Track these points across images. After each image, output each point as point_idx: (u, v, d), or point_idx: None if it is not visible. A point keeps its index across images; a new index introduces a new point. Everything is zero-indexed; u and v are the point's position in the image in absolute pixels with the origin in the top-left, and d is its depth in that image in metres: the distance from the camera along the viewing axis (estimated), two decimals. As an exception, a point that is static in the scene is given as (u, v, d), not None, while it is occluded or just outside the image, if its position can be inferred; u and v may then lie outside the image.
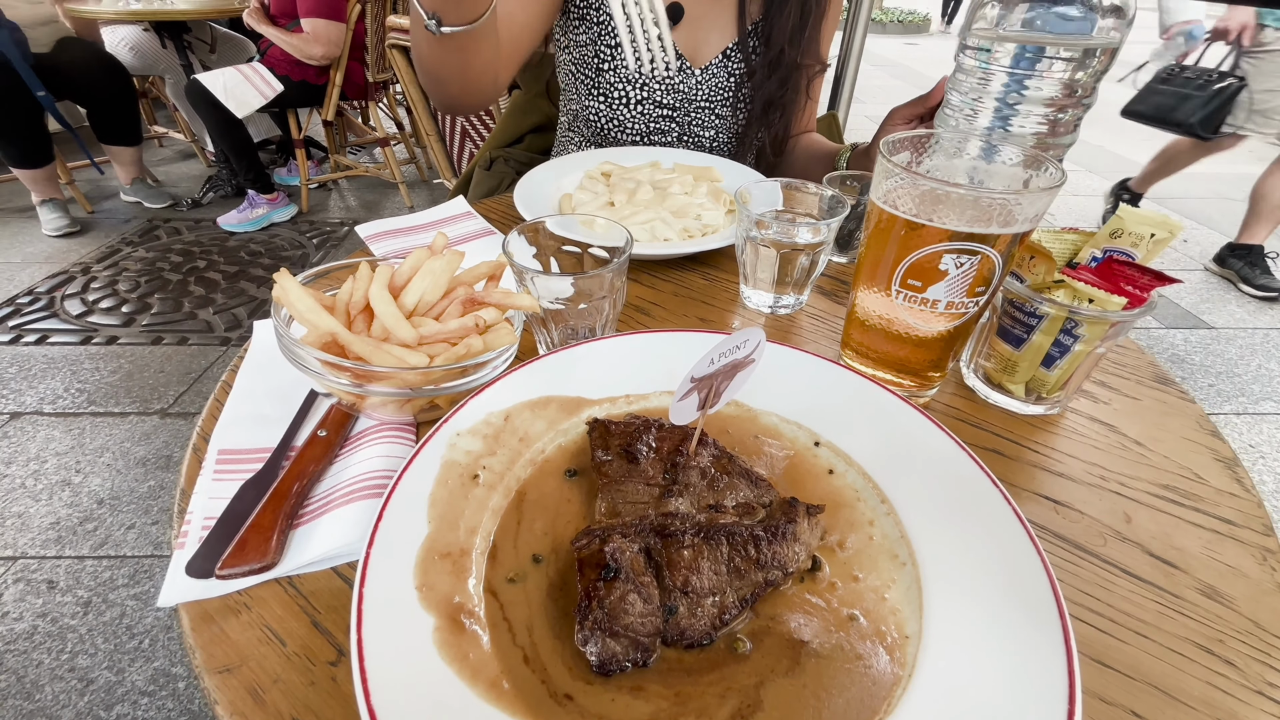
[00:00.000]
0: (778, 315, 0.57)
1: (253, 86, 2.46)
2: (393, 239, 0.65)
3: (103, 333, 2.03)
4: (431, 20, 0.57)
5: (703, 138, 0.90)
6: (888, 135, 0.69)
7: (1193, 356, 2.08)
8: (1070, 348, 0.40)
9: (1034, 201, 0.34)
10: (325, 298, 0.41)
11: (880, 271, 0.41)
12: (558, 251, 0.51)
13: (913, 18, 9.77)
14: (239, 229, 2.70)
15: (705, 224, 0.65)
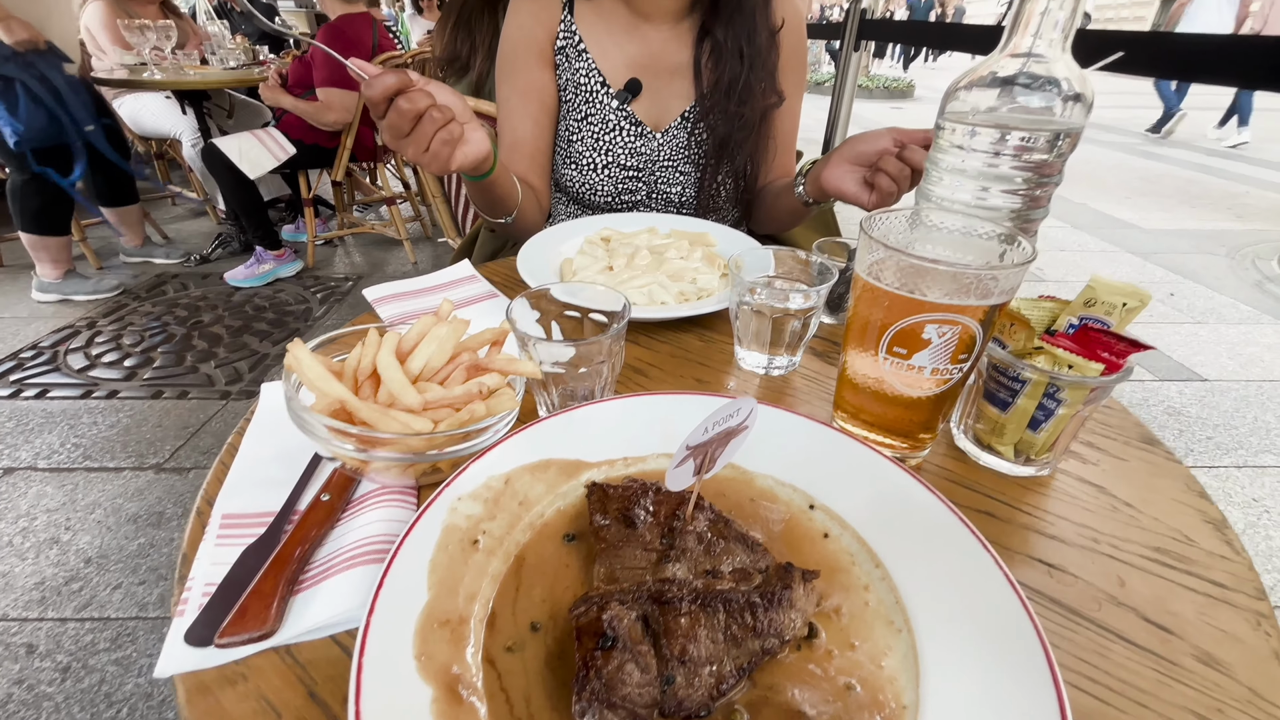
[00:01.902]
0: (772, 376, 0.58)
1: (266, 149, 2.57)
2: (399, 302, 0.67)
3: (104, 386, 2.04)
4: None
5: (670, 194, 0.95)
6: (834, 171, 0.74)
7: (1189, 409, 2.09)
8: (1054, 411, 0.42)
9: (1008, 276, 0.36)
10: (334, 364, 0.42)
11: (867, 337, 0.42)
12: (560, 316, 0.53)
13: (897, 84, 10.28)
14: (245, 284, 2.75)
15: (700, 287, 0.68)
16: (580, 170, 0.95)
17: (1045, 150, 0.46)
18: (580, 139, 0.93)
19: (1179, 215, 4.21)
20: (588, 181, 0.95)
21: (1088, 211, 4.22)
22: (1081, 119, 0.45)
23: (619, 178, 0.94)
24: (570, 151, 0.95)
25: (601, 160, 0.94)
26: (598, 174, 0.94)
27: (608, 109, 0.92)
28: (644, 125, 0.92)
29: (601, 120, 0.92)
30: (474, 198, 0.83)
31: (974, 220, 0.43)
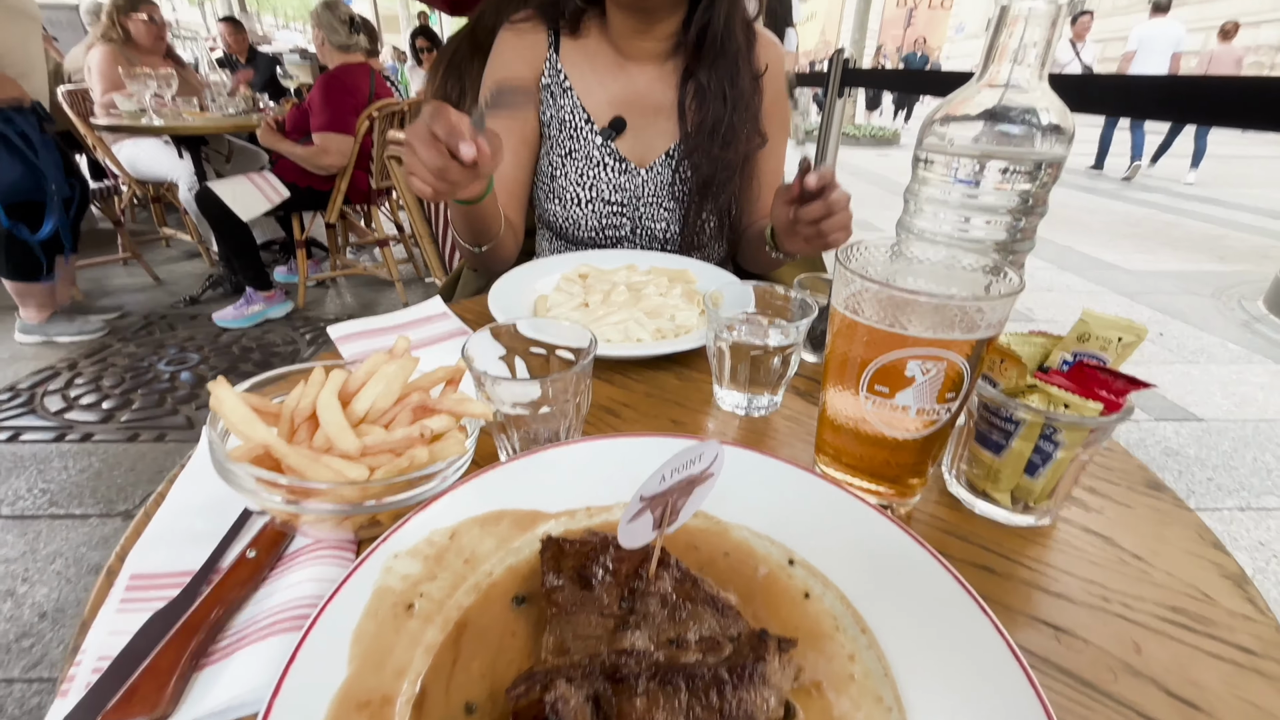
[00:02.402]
0: (752, 417, 0.55)
1: (260, 192, 2.59)
2: (364, 340, 0.64)
3: (78, 429, 1.98)
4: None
5: (655, 229, 0.94)
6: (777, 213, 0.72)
7: (1186, 449, 2.06)
8: (1052, 455, 0.39)
9: (995, 308, 0.34)
10: (271, 405, 0.39)
11: (847, 375, 0.40)
12: (525, 353, 0.50)
13: (882, 132, 10.62)
14: (233, 325, 2.73)
15: (679, 324, 0.65)
16: (564, 205, 0.94)
17: (1027, 180, 0.44)
18: (564, 174, 0.93)
19: (1162, 257, 4.27)
20: (571, 216, 0.94)
21: (1073, 254, 4.29)
22: (1063, 149, 0.44)
23: (603, 212, 0.93)
24: (554, 187, 0.94)
25: (585, 195, 0.93)
26: (581, 209, 0.93)
27: (592, 145, 0.91)
28: (628, 161, 0.92)
29: (586, 156, 0.92)
30: (457, 222, 0.81)
31: (958, 252, 0.41)
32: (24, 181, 2.13)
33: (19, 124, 2.07)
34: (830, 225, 0.68)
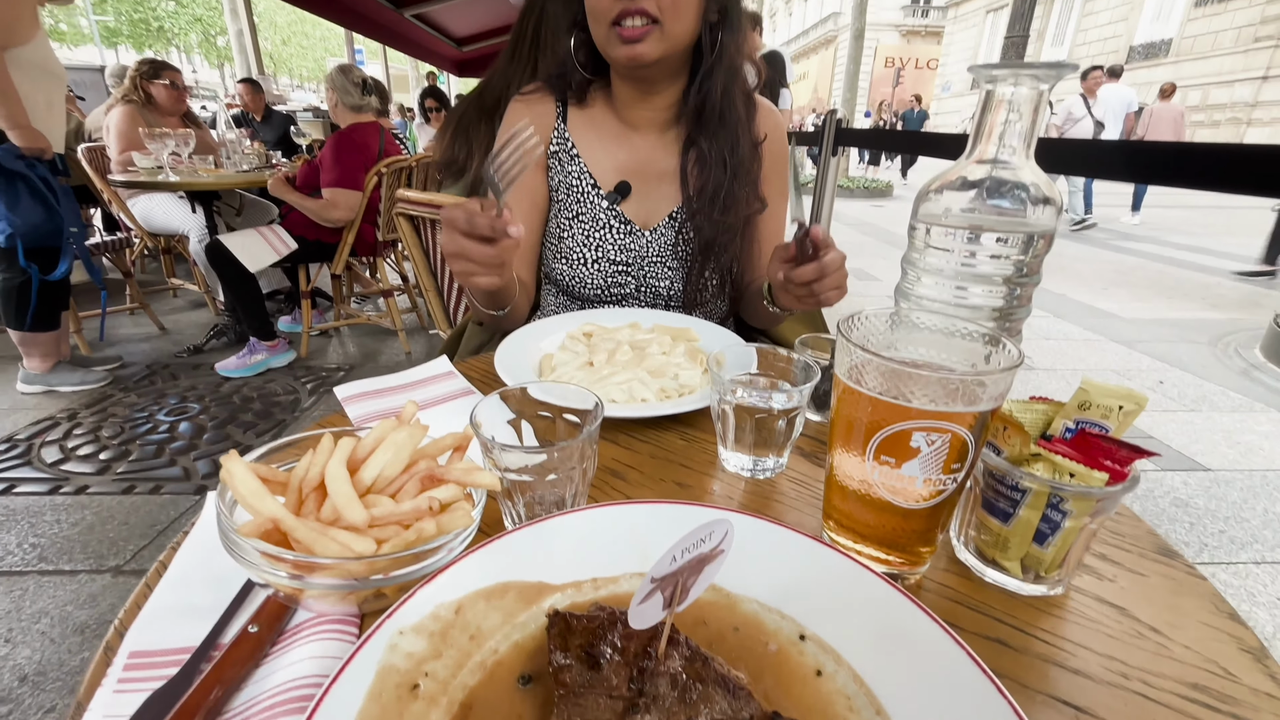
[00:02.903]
0: (758, 479, 0.55)
1: (269, 245, 2.65)
2: (369, 400, 0.65)
3: (74, 481, 1.96)
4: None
5: (659, 288, 0.96)
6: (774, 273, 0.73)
7: (1195, 500, 2.03)
8: (1060, 524, 0.38)
9: (996, 381, 0.34)
10: (279, 474, 0.39)
11: (853, 442, 0.40)
12: (533, 416, 0.51)
13: (876, 184, 10.93)
14: (235, 374, 2.74)
15: (682, 384, 0.66)
16: (571, 264, 0.96)
17: (1020, 250, 0.45)
18: (571, 235, 0.95)
19: (1157, 306, 4.33)
20: (578, 275, 0.96)
21: (1068, 302, 4.34)
22: (1052, 221, 0.46)
23: (608, 271, 0.96)
24: (561, 247, 0.97)
25: (591, 255, 0.95)
26: (587, 268, 0.96)
27: (598, 209, 0.94)
28: (633, 224, 0.95)
29: (592, 219, 0.94)
30: (477, 292, 0.83)
31: (956, 320, 0.42)
32: (45, 225, 2.23)
33: (41, 171, 2.18)
34: (823, 286, 0.69)
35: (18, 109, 2.10)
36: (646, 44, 0.79)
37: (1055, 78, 0.42)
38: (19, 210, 2.15)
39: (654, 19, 0.77)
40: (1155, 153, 0.90)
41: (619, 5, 0.77)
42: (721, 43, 0.84)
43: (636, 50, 0.79)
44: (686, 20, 0.80)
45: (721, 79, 0.86)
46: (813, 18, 32.12)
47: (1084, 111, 6.83)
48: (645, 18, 0.77)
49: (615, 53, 0.82)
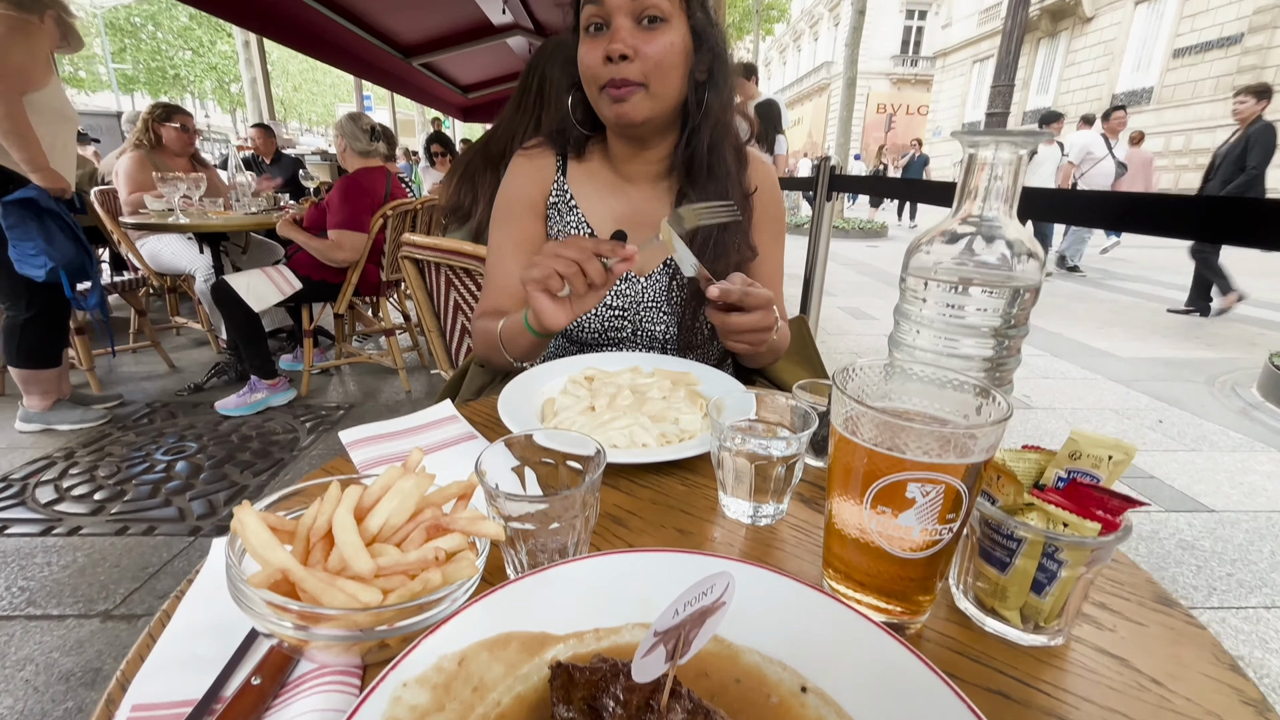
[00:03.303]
0: (758, 526, 0.55)
1: (274, 285, 2.69)
2: (374, 445, 0.66)
3: (67, 523, 1.94)
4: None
5: (654, 331, 0.99)
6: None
7: (1201, 542, 2.01)
8: (1056, 574, 0.39)
9: (987, 434, 0.36)
10: (287, 523, 0.40)
11: (850, 491, 0.41)
12: (537, 463, 0.52)
13: (871, 225, 11.15)
14: (235, 413, 2.74)
15: (683, 428, 0.67)
16: None
17: (1007, 303, 0.47)
18: None
19: (1152, 344, 4.36)
20: (575, 320, 0.98)
21: (1064, 341, 4.38)
22: (1036, 275, 0.48)
23: (605, 316, 0.98)
24: None
25: None
26: (585, 313, 0.98)
27: None
28: (629, 271, 0.97)
29: None
30: (517, 346, 0.86)
31: (948, 371, 0.44)
32: (76, 259, 2.35)
33: (63, 210, 2.31)
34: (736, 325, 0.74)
35: (38, 152, 2.19)
36: (635, 106, 0.83)
37: (1033, 144, 0.44)
38: (56, 245, 2.26)
39: (641, 83, 0.82)
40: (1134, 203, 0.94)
41: (608, 71, 0.81)
42: (707, 102, 0.88)
43: (625, 111, 0.84)
44: (672, 83, 0.84)
45: (708, 135, 0.90)
46: (806, 66, 33.37)
47: (1105, 151, 6.64)
48: (631, 82, 0.81)
49: (607, 113, 0.86)
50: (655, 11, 0.80)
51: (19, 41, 2.11)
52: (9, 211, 2.16)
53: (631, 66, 0.80)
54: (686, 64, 0.85)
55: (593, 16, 0.82)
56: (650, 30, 0.80)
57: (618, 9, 0.80)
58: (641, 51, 0.80)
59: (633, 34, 0.80)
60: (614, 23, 0.80)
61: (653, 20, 0.80)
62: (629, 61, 0.80)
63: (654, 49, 0.80)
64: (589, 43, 0.83)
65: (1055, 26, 16.94)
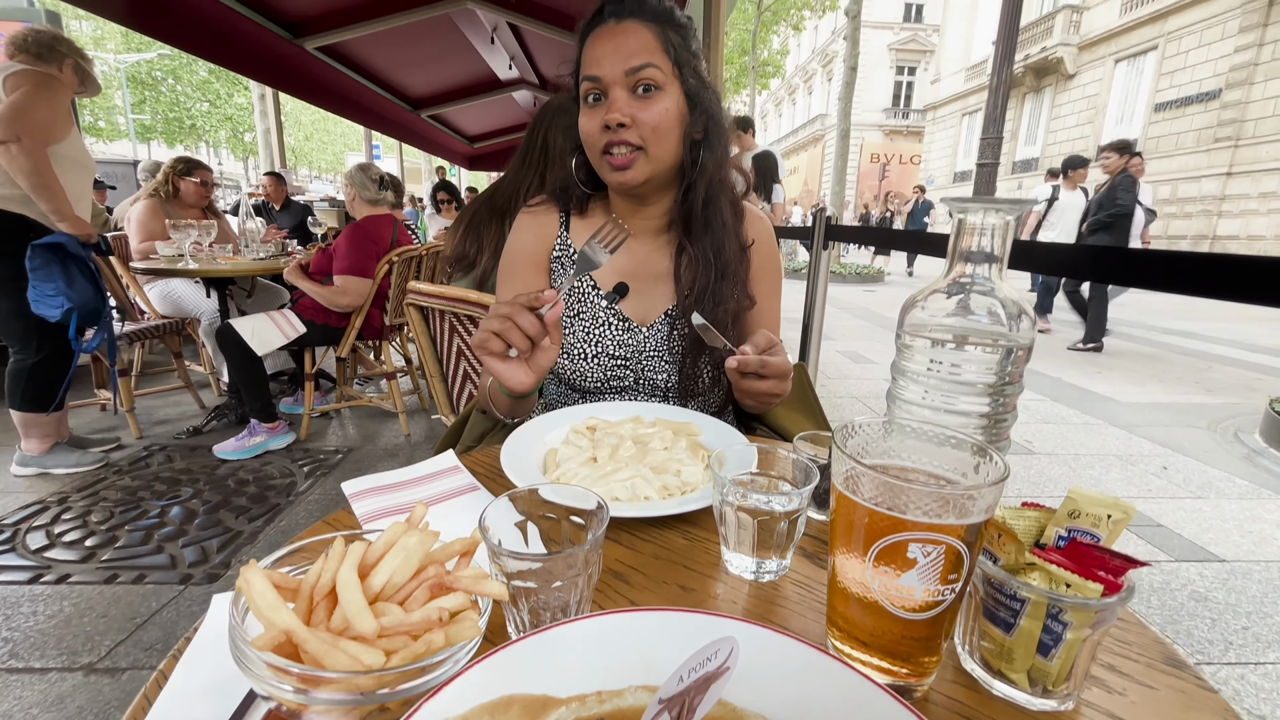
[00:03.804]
0: (761, 582, 0.55)
1: (277, 328, 2.72)
2: (377, 496, 0.66)
3: (56, 570, 1.90)
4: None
5: (656, 380, 1.00)
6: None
7: (1214, 594, 1.97)
8: (1062, 635, 0.39)
9: (985, 494, 0.36)
10: (291, 581, 0.40)
11: (852, 549, 0.41)
12: (540, 518, 0.52)
13: (868, 270, 11.32)
14: (233, 456, 2.72)
15: (684, 481, 0.67)
16: (572, 360, 1.00)
17: (1000, 361, 0.48)
18: (573, 333, 1.00)
19: (1152, 389, 4.37)
20: (579, 369, 1.00)
21: (1063, 385, 4.39)
22: (1029, 334, 0.49)
23: (607, 366, 0.99)
24: (564, 343, 1.00)
25: (592, 351, 0.99)
26: (588, 363, 0.99)
27: (598, 308, 0.99)
28: (631, 321, 0.99)
29: (592, 317, 0.99)
30: (498, 402, 0.88)
31: (946, 430, 0.44)
32: (93, 302, 2.43)
33: (87, 255, 2.40)
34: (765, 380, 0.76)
35: (64, 203, 2.29)
36: (633, 170, 0.87)
37: (1018, 210, 0.46)
38: (76, 288, 2.34)
39: (639, 147, 0.86)
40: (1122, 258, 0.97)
41: (606, 136, 0.86)
42: (703, 160, 0.92)
43: (625, 176, 0.88)
44: (669, 145, 0.89)
45: (704, 190, 0.94)
46: (801, 118, 34.61)
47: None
48: (630, 146, 0.86)
49: (607, 176, 0.91)
50: (650, 81, 0.84)
51: (43, 98, 2.21)
52: (36, 254, 2.25)
53: (629, 132, 0.85)
54: (682, 127, 0.89)
55: (591, 89, 0.86)
56: (645, 98, 0.85)
57: (614, 82, 0.84)
58: (638, 119, 0.85)
59: (629, 103, 0.85)
60: (611, 94, 0.85)
61: (647, 89, 0.85)
62: (627, 128, 0.84)
63: (649, 116, 0.85)
64: (589, 112, 0.88)
65: (1039, 82, 17.64)
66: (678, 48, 0.87)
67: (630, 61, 0.84)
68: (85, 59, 2.45)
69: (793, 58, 32.69)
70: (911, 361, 0.51)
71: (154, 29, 3.32)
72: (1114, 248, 1.05)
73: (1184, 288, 0.82)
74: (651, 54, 0.85)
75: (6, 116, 2.13)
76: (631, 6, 0.86)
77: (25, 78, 2.18)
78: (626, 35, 0.85)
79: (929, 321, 0.51)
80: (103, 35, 16.00)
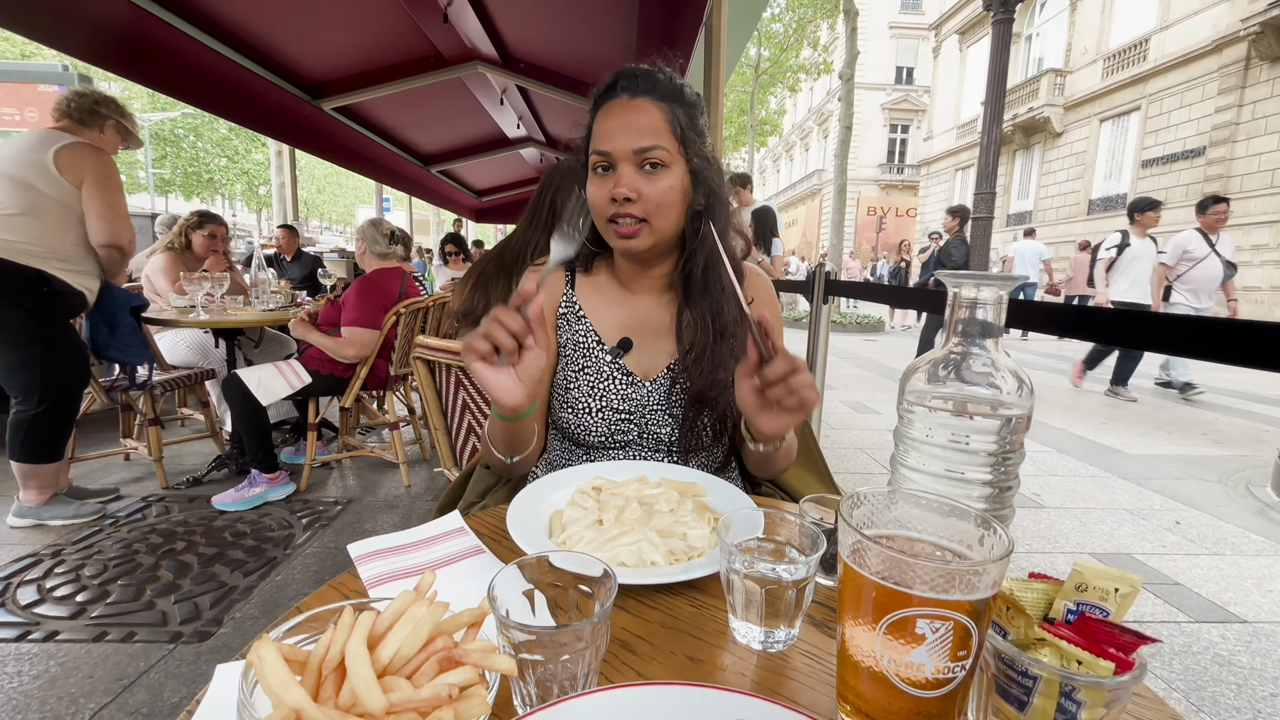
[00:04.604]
0: (770, 653, 0.54)
1: (283, 379, 2.74)
2: (382, 559, 0.66)
3: (44, 627, 1.86)
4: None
5: (660, 434, 1.02)
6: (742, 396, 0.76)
7: (1238, 658, 1.90)
8: (1077, 715, 0.38)
9: (990, 570, 0.37)
10: (301, 653, 0.40)
11: (861, 622, 0.41)
12: (547, 585, 0.52)
13: (868, 319, 11.42)
14: (231, 508, 2.70)
15: (691, 545, 0.67)
16: (577, 414, 1.01)
17: (1000, 429, 0.49)
18: (577, 387, 1.01)
19: (1159, 441, 4.33)
20: (583, 424, 1.01)
21: (1069, 436, 4.36)
22: (1027, 402, 0.50)
23: (611, 420, 1.00)
24: (568, 398, 1.02)
25: (596, 405, 1.00)
26: (592, 417, 1.00)
27: (603, 362, 1.01)
28: (634, 375, 1.01)
29: (597, 372, 1.01)
30: (496, 435, 0.89)
31: (949, 498, 0.45)
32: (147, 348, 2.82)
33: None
34: (799, 381, 0.69)
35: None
36: (638, 239, 0.92)
37: (1011, 285, 0.48)
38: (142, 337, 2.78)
39: (643, 219, 0.90)
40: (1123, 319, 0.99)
41: (613, 208, 0.90)
42: (703, 232, 0.96)
43: (629, 244, 0.92)
44: (671, 218, 0.93)
45: (704, 256, 0.97)
46: (798, 173, 35.71)
47: (1206, 249, 5.56)
48: (634, 218, 0.90)
49: (613, 242, 0.95)
50: (656, 159, 0.89)
51: (117, 182, 2.45)
52: (132, 314, 2.67)
53: (634, 206, 0.89)
54: (685, 201, 0.93)
55: (600, 161, 0.91)
56: (651, 175, 0.89)
57: (623, 158, 0.89)
58: (643, 194, 0.89)
59: (635, 178, 0.89)
60: (619, 169, 0.89)
61: (654, 166, 0.89)
62: (633, 202, 0.88)
63: (654, 191, 0.89)
64: (597, 181, 0.92)
65: (1029, 140, 18.26)
66: (685, 126, 0.92)
67: (639, 141, 0.88)
68: (126, 116, 2.58)
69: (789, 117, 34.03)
70: (913, 429, 0.52)
71: (182, 92, 3.50)
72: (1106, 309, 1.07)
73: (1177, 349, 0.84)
74: (659, 135, 0.89)
75: (114, 221, 2.42)
76: (645, 85, 0.92)
77: (82, 159, 2.32)
78: (638, 113, 0.90)
79: (928, 388, 0.52)
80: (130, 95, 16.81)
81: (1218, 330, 0.87)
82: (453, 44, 3.65)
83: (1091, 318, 1.08)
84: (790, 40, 18.50)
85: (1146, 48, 14.24)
